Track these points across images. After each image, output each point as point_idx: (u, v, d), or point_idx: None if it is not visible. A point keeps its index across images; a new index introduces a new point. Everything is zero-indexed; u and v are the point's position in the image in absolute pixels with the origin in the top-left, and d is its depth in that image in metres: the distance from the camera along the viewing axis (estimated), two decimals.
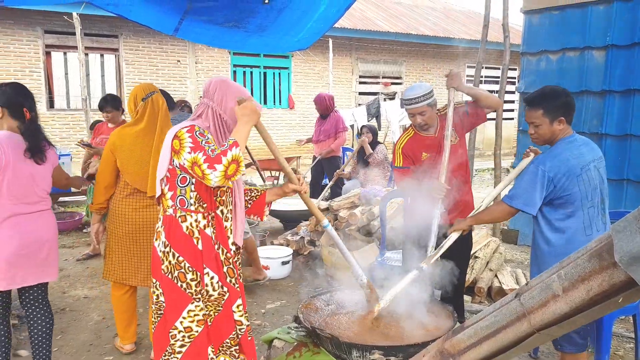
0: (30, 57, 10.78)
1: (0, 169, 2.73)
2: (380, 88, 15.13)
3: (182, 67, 12.38)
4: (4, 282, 2.80)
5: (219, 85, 2.35)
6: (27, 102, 2.91)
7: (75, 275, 5.10)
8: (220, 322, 2.34)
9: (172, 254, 2.26)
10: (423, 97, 3.14)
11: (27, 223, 2.86)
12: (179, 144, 2.17)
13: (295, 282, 4.88)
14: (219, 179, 2.06)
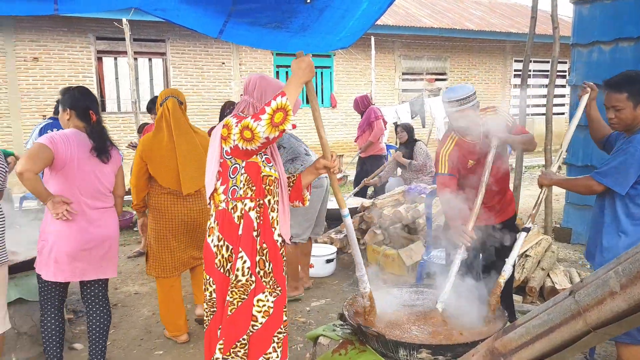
0: (83, 63, 11.19)
1: (65, 163, 2.86)
2: (424, 85, 14.93)
3: (226, 69, 12.58)
4: (64, 274, 2.93)
5: (258, 82, 2.39)
6: (93, 105, 3.08)
7: (126, 272, 5.27)
8: (240, 314, 2.30)
9: (225, 247, 2.30)
10: (465, 100, 2.97)
11: (90, 219, 2.99)
12: (227, 129, 2.23)
13: (340, 280, 4.88)
14: (266, 127, 2.08)
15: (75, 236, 2.92)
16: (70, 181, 2.92)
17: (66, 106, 3.04)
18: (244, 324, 2.31)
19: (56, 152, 2.84)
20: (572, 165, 6.03)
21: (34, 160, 2.76)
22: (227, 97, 12.40)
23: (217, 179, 2.35)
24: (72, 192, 2.93)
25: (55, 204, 2.83)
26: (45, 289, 3.03)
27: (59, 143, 2.86)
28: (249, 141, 2.16)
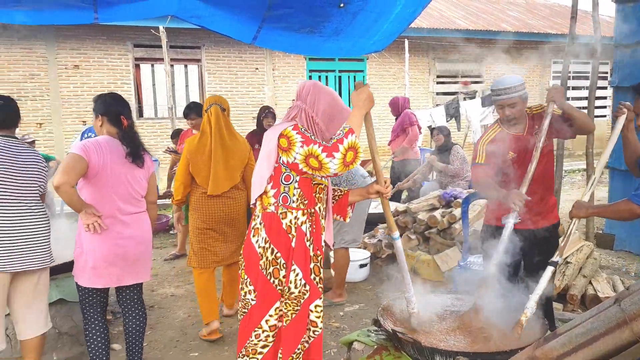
0: (122, 70, 11.48)
1: (99, 170, 2.89)
2: (459, 87, 14.74)
3: (259, 74, 12.70)
4: (101, 280, 2.97)
5: (311, 89, 2.39)
6: (124, 110, 3.09)
7: (163, 274, 5.36)
8: (295, 324, 2.35)
9: (270, 249, 2.31)
10: (514, 88, 2.96)
11: (125, 224, 3.02)
12: (287, 142, 2.23)
13: (374, 285, 4.84)
14: (338, 166, 2.12)
15: (110, 242, 2.95)
16: (104, 188, 2.94)
17: (98, 112, 3.07)
18: (299, 334, 2.35)
19: (89, 160, 2.86)
20: (615, 170, 5.83)
21: (70, 173, 2.78)
22: (260, 102, 12.51)
23: (267, 182, 2.35)
24: (105, 198, 2.95)
25: (88, 215, 2.85)
26: (85, 296, 3.04)
27: (91, 151, 2.88)
28: (313, 169, 2.19)
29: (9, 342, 3.30)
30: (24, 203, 2.88)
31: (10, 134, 2.95)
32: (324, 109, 2.34)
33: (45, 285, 3.09)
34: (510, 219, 2.78)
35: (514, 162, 3.05)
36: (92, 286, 2.97)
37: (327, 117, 2.35)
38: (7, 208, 2.82)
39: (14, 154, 2.88)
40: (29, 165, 2.93)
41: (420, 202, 5.42)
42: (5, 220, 2.81)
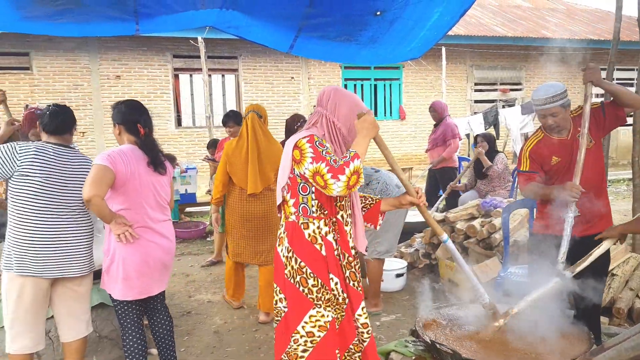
0: (161, 80, 11.75)
1: (127, 180, 2.89)
2: (498, 95, 14.49)
3: (295, 83, 12.79)
4: (133, 291, 2.97)
5: (332, 94, 2.39)
6: (142, 118, 3.05)
7: (199, 280, 5.42)
8: (344, 328, 2.36)
9: (294, 259, 2.30)
10: (555, 97, 2.90)
11: (155, 232, 3.02)
12: (300, 154, 2.23)
13: (410, 295, 4.77)
14: (342, 189, 2.13)
15: (142, 251, 2.95)
16: (134, 197, 2.94)
17: (115, 121, 3.05)
18: (350, 336, 2.37)
19: (116, 171, 2.84)
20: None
21: (99, 185, 2.74)
22: (295, 110, 12.59)
23: (286, 191, 2.36)
24: (135, 207, 2.95)
25: (118, 225, 2.84)
26: (120, 305, 3.04)
27: (117, 161, 2.86)
28: (318, 185, 2.21)
29: (51, 344, 3.39)
30: (67, 212, 2.93)
31: (62, 141, 3.00)
32: (345, 113, 2.34)
33: (87, 291, 3.15)
34: (570, 212, 2.73)
35: (559, 166, 3.00)
36: (124, 298, 2.98)
37: (349, 121, 2.35)
38: (50, 217, 2.87)
39: (62, 161, 2.93)
40: (77, 174, 2.97)
41: (459, 211, 5.32)
42: (47, 229, 2.86)
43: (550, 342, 2.37)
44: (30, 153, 2.84)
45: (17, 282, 2.85)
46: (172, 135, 11.71)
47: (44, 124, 3.00)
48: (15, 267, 2.83)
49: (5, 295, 2.91)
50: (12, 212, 2.86)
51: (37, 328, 2.98)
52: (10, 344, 2.94)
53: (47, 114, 3.01)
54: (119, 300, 3.01)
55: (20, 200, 2.84)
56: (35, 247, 2.84)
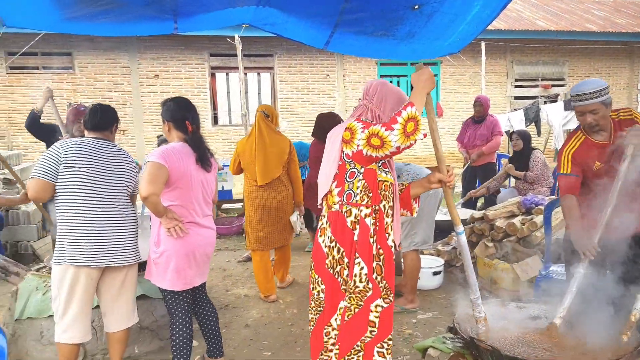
0: (198, 79, 11.93)
1: (180, 176, 2.97)
2: (539, 91, 14.11)
3: (330, 80, 12.78)
4: (181, 282, 3.05)
5: (379, 88, 2.39)
6: (189, 115, 3.12)
7: (236, 275, 5.48)
8: (356, 321, 2.31)
9: (337, 249, 2.31)
10: (596, 93, 2.74)
11: (201, 227, 3.11)
12: (350, 133, 2.25)
13: (448, 293, 4.71)
14: (399, 137, 2.10)
15: (189, 245, 3.02)
16: (185, 193, 3.01)
17: (165, 118, 3.12)
18: (360, 331, 2.31)
19: (171, 167, 2.91)
20: None
21: (156, 183, 2.82)
22: (330, 108, 12.59)
23: (332, 181, 2.35)
24: (186, 203, 3.02)
25: (169, 220, 2.92)
26: (170, 296, 3.11)
27: (171, 159, 2.93)
28: (376, 148, 2.18)
29: (95, 334, 3.49)
30: (112, 202, 3.02)
31: (102, 136, 3.10)
32: (392, 107, 2.34)
33: (132, 282, 3.23)
34: (580, 268, 2.58)
35: (600, 172, 2.82)
36: (173, 289, 3.06)
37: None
38: (97, 206, 2.97)
39: (103, 154, 3.03)
40: (118, 167, 3.07)
41: (498, 208, 5.22)
42: (95, 218, 2.96)
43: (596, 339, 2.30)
44: (72, 146, 2.96)
45: (70, 273, 2.96)
46: (208, 133, 11.87)
47: (84, 121, 3.11)
48: (68, 258, 2.93)
49: (58, 287, 3.01)
50: (61, 205, 2.96)
51: (86, 319, 3.08)
52: (61, 334, 3.04)
53: (89, 111, 3.12)
54: (168, 290, 3.08)
55: (68, 191, 2.94)
56: (86, 236, 2.93)
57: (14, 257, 5.62)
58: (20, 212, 6.27)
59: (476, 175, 6.79)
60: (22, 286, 3.75)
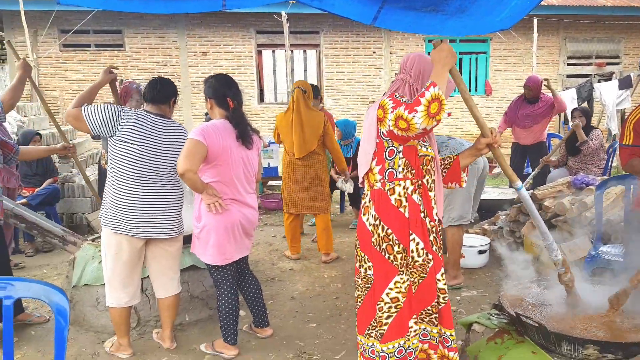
0: (245, 56, 12.05)
1: (220, 153, 3.01)
2: (593, 69, 13.55)
3: (376, 57, 12.66)
4: (221, 257, 3.14)
5: (416, 60, 2.36)
6: (231, 91, 3.11)
7: (282, 249, 5.60)
8: (423, 290, 2.37)
9: (381, 227, 2.33)
10: None
11: (242, 204, 3.17)
12: (383, 112, 2.24)
13: (493, 272, 4.68)
14: (422, 119, 2.07)
15: (229, 221, 3.09)
16: (225, 170, 3.05)
17: (207, 95, 3.15)
18: (429, 298, 2.38)
19: (210, 144, 2.94)
20: None
21: (192, 159, 2.86)
22: (377, 86, 12.51)
23: (372, 159, 2.37)
24: (226, 180, 3.07)
25: (209, 196, 2.97)
26: (215, 270, 3.23)
27: (211, 135, 2.95)
28: (402, 130, 2.16)
29: (148, 301, 3.66)
30: (161, 179, 3.12)
31: (159, 111, 3.18)
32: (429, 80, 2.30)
33: (177, 252, 3.38)
34: None
35: None
36: (214, 263, 3.17)
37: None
38: (145, 182, 3.08)
39: (158, 130, 3.12)
40: (172, 144, 3.15)
41: (547, 188, 5.11)
42: (141, 192, 3.07)
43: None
44: (132, 120, 3.05)
45: (114, 239, 3.12)
46: (255, 111, 12.01)
47: (144, 93, 3.22)
48: (111, 225, 3.08)
49: (105, 250, 3.19)
50: (111, 174, 3.10)
51: (132, 283, 3.24)
52: (109, 298, 3.23)
53: (148, 84, 3.22)
54: (211, 264, 3.19)
55: (119, 164, 3.06)
56: (130, 209, 3.06)
57: (69, 228, 5.91)
58: (75, 185, 6.56)
59: (526, 155, 6.64)
60: (79, 255, 3.96)
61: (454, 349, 2.44)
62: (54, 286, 1.87)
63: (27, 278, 2.37)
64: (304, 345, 3.43)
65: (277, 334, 3.60)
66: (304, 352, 3.33)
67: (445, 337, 2.44)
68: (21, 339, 3.59)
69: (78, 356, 3.35)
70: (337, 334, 3.56)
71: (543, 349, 2.23)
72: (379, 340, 2.38)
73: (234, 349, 3.28)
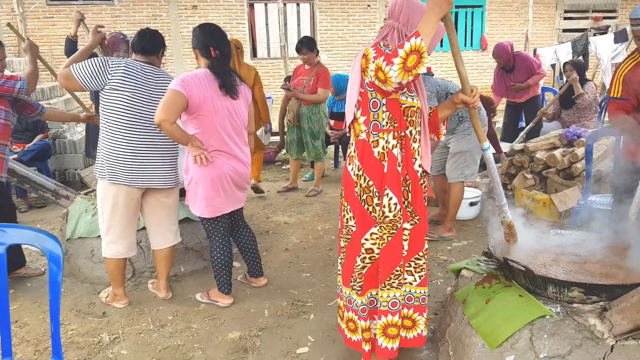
0: (237, 10, 11.79)
1: (201, 104, 2.97)
2: (589, 24, 13.36)
3: (371, 12, 12.42)
4: (210, 209, 3.14)
5: (405, 5, 2.27)
6: (214, 40, 3.05)
7: (276, 204, 5.64)
8: (392, 247, 2.35)
9: (363, 177, 2.32)
10: None
11: (230, 156, 3.14)
12: (366, 61, 2.17)
13: (484, 224, 4.74)
14: (398, 72, 1.98)
15: (217, 173, 3.08)
16: (208, 121, 3.02)
17: (192, 45, 3.12)
18: (397, 256, 2.36)
19: (190, 95, 2.90)
20: None
21: (169, 110, 2.82)
22: (371, 40, 12.28)
23: (357, 108, 2.34)
24: (210, 132, 3.03)
25: (194, 148, 2.95)
26: (206, 221, 3.24)
27: (191, 86, 2.91)
28: (381, 81, 2.09)
29: (142, 253, 3.70)
30: (154, 126, 3.09)
31: (149, 61, 3.15)
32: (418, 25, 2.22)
33: (174, 203, 3.39)
34: None
35: None
36: (202, 216, 3.18)
37: None
38: (138, 129, 3.07)
39: (148, 78, 3.10)
40: (160, 89, 3.12)
41: (539, 140, 5.12)
42: (135, 140, 3.07)
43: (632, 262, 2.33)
44: (121, 68, 3.03)
45: (111, 190, 3.12)
46: None
47: (132, 43, 3.17)
48: (107, 176, 3.09)
49: (101, 203, 3.20)
50: (104, 125, 3.09)
51: (129, 235, 3.26)
52: (105, 249, 3.26)
53: (137, 35, 3.17)
54: (201, 216, 3.21)
55: (111, 113, 3.05)
56: (125, 158, 3.06)
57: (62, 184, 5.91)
58: (67, 141, 6.52)
59: (520, 110, 6.62)
60: (72, 208, 3.97)
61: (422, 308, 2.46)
62: (46, 232, 1.89)
63: (19, 225, 2.39)
64: (298, 294, 3.50)
65: (271, 283, 3.66)
66: (298, 300, 3.40)
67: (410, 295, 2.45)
68: (17, 290, 3.64)
69: (74, 306, 3.40)
70: (330, 283, 3.62)
71: (530, 293, 2.29)
72: (359, 293, 2.41)
73: (229, 297, 3.34)
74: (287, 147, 6.17)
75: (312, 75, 5.68)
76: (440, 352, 2.57)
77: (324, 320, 3.12)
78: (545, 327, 2.10)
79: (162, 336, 3.01)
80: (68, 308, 3.37)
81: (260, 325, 3.10)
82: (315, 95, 5.69)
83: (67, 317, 3.26)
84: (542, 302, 2.19)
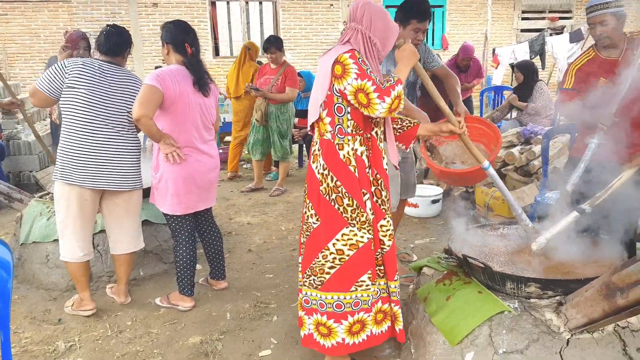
0: (198, 8, 11.62)
1: (175, 99, 2.96)
2: (546, 24, 13.72)
3: (334, 10, 12.44)
4: (181, 206, 3.11)
5: (366, 8, 2.29)
6: (189, 37, 3.08)
7: (239, 204, 5.58)
8: (375, 247, 2.39)
9: (330, 177, 2.31)
10: (606, 4, 2.72)
11: (200, 152, 3.12)
12: (342, 69, 2.18)
13: (445, 221, 4.81)
14: (385, 111, 2.16)
15: (188, 170, 3.06)
16: (181, 117, 3.00)
17: (164, 40, 3.08)
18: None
19: (165, 90, 2.90)
20: None
21: (147, 105, 2.83)
22: (334, 39, 12.32)
23: (322, 109, 2.33)
24: (182, 128, 3.02)
25: (166, 145, 2.95)
26: (173, 220, 3.19)
27: (166, 81, 2.91)
28: (359, 104, 2.18)
29: (100, 257, 3.60)
30: (112, 126, 3.03)
31: (114, 61, 3.09)
32: (381, 27, 2.28)
33: (136, 206, 3.29)
34: (595, 139, 2.66)
35: (606, 88, 2.84)
36: (173, 213, 3.13)
37: (384, 36, 2.30)
38: (95, 129, 2.99)
39: (107, 77, 3.02)
40: (122, 91, 3.06)
41: None
42: (92, 140, 2.98)
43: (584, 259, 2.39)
44: (77, 66, 2.97)
45: (65, 190, 3.03)
46: (210, 65, 11.67)
47: (98, 44, 3.10)
48: (60, 175, 3.00)
49: (57, 204, 3.10)
50: (63, 126, 3.01)
51: (85, 237, 3.16)
52: (63, 252, 3.15)
53: (102, 34, 3.09)
54: (170, 214, 3.15)
55: (67, 111, 2.98)
56: (80, 158, 2.97)
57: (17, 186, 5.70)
58: (22, 142, 6.30)
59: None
60: (26, 212, 3.83)
61: (395, 301, 2.46)
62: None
63: None
64: (261, 295, 3.47)
65: (234, 285, 3.62)
66: (261, 302, 3.37)
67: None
68: None
69: (29, 313, 3.29)
70: (294, 284, 3.60)
71: (488, 289, 2.32)
72: (319, 288, 2.39)
73: (190, 300, 3.29)
74: (250, 148, 6.12)
75: (280, 74, 5.67)
76: (402, 350, 2.59)
77: (287, 322, 3.10)
78: (503, 322, 2.14)
79: (121, 342, 2.94)
80: (22, 315, 3.25)
81: (222, 328, 3.06)
82: (284, 95, 5.68)
83: (21, 324, 3.15)
84: (501, 298, 2.23)
